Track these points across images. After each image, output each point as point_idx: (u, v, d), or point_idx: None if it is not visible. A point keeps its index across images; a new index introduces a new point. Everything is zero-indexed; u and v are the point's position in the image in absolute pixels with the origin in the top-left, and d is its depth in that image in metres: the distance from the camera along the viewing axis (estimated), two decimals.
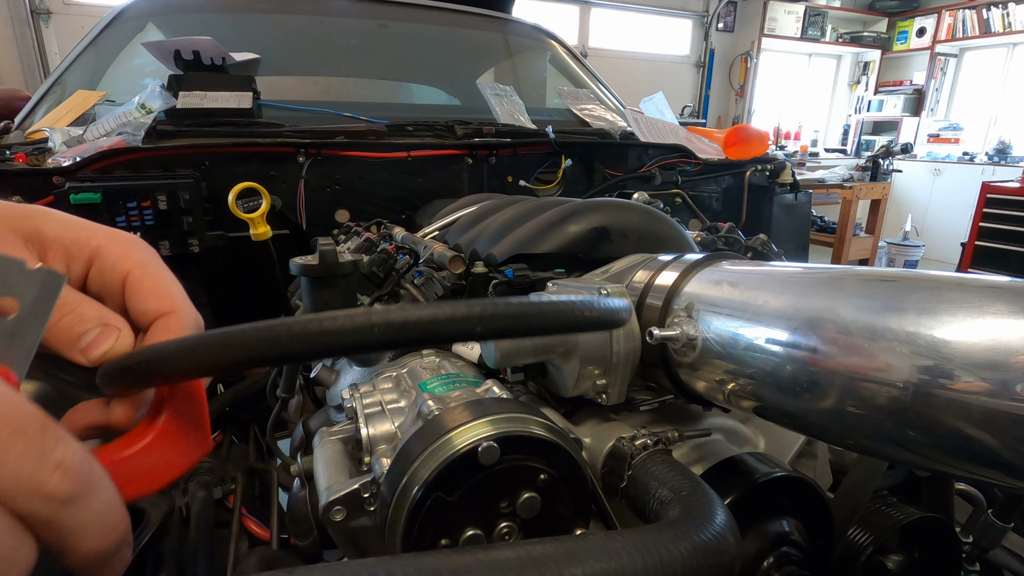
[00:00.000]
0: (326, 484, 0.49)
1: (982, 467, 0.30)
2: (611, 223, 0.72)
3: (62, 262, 0.31)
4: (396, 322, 0.27)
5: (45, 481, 0.21)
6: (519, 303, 0.30)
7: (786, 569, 0.47)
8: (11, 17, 3.93)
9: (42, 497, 0.21)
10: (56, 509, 0.22)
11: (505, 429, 0.42)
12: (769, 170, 1.64)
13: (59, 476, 0.22)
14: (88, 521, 0.23)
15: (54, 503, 0.22)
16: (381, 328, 0.27)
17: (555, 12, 5.82)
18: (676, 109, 6.38)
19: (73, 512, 0.22)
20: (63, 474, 0.22)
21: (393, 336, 0.27)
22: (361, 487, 0.46)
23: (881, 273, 0.37)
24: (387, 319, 0.27)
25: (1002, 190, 4.60)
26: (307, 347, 0.27)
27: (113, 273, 0.31)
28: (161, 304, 0.32)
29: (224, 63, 1.40)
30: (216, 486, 0.83)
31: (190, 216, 1.07)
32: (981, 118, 6.70)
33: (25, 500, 0.21)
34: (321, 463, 0.53)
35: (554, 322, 0.31)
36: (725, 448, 0.54)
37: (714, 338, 0.45)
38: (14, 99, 1.99)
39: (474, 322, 0.28)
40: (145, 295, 0.31)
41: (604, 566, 0.29)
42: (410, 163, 1.33)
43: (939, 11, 6.74)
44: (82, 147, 1.13)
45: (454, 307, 0.28)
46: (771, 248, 1.00)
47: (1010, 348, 0.28)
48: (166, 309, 0.32)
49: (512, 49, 2.13)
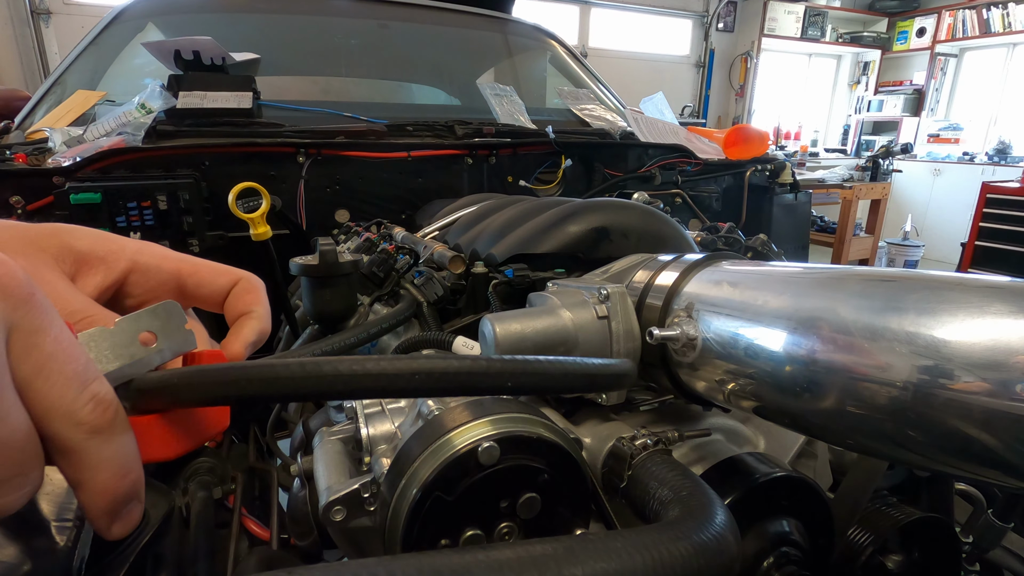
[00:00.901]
0: (326, 484, 0.49)
1: (982, 467, 0.30)
2: (611, 223, 0.72)
3: (100, 273, 0.33)
4: (436, 372, 0.29)
5: (80, 408, 0.24)
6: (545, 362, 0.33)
7: (786, 569, 0.47)
8: (11, 17, 3.93)
9: (74, 422, 0.24)
10: (83, 437, 0.24)
11: (505, 429, 0.42)
12: (769, 170, 1.64)
13: (92, 406, 0.24)
14: (107, 458, 0.25)
15: (83, 430, 0.24)
16: (421, 377, 0.29)
17: (555, 12, 5.82)
18: (676, 109, 6.38)
19: (96, 444, 0.24)
20: (95, 405, 0.24)
21: (431, 385, 0.29)
22: (361, 487, 0.46)
23: (881, 273, 0.37)
24: (430, 368, 0.29)
25: (1002, 190, 4.60)
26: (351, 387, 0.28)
27: (160, 274, 0.34)
28: (229, 276, 0.34)
29: (224, 63, 1.40)
30: (216, 486, 0.83)
31: (190, 216, 1.07)
32: (981, 118, 6.70)
33: (59, 421, 0.24)
34: (321, 463, 0.53)
35: (574, 383, 0.35)
36: (725, 448, 0.54)
37: (714, 338, 0.45)
38: (14, 99, 2.00)
39: (506, 378, 0.31)
40: (211, 277, 0.34)
41: (604, 566, 0.29)
42: (410, 163, 1.33)
43: (939, 11, 6.74)
44: (82, 147, 1.13)
45: (490, 362, 0.31)
46: (771, 248, 1.00)
47: (1010, 348, 0.28)
48: (235, 277, 0.35)
49: (512, 49, 2.13)
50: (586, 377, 0.35)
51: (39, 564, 0.22)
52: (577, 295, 0.56)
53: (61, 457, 0.24)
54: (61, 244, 0.32)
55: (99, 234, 0.33)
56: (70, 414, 0.24)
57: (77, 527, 0.39)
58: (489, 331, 0.51)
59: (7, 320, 0.22)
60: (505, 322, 0.52)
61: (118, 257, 0.33)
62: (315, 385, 0.28)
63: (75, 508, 0.39)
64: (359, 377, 0.28)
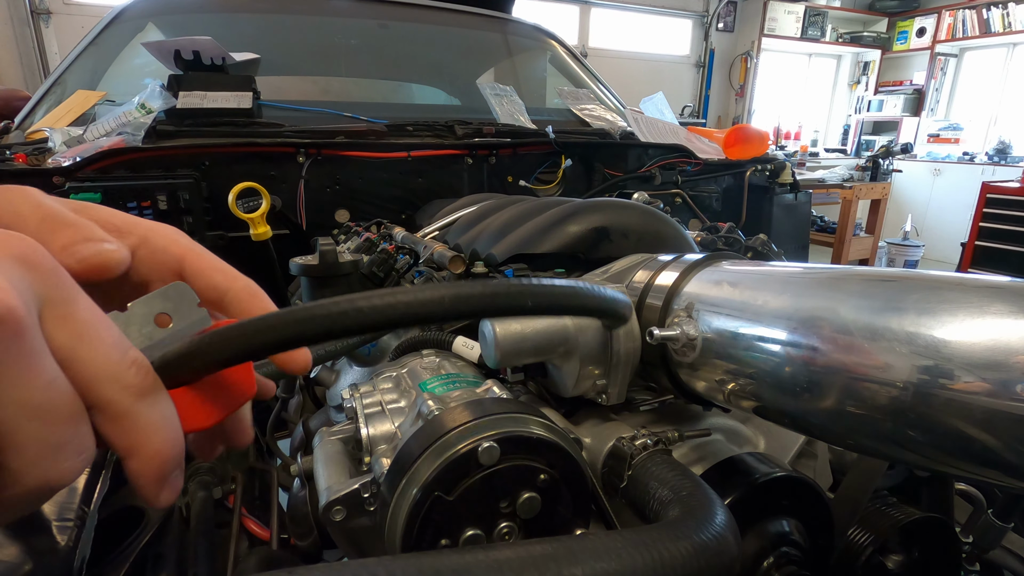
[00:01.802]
0: (326, 484, 0.49)
1: (982, 467, 0.30)
2: (611, 223, 0.72)
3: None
4: (462, 295, 0.31)
5: (125, 371, 0.24)
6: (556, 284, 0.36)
7: (786, 569, 0.47)
8: (11, 17, 3.93)
9: (122, 385, 0.24)
10: (132, 400, 0.24)
11: (505, 429, 0.42)
12: (769, 170, 1.64)
13: (135, 370, 0.25)
14: (156, 421, 0.25)
15: (131, 392, 0.24)
16: (450, 300, 0.31)
17: (555, 12, 5.82)
18: (676, 109, 6.38)
19: (145, 407, 0.25)
20: (138, 369, 0.25)
21: (460, 308, 0.31)
22: (361, 487, 0.46)
23: (881, 273, 0.37)
24: (455, 292, 0.31)
25: (1002, 190, 4.60)
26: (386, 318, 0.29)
27: (165, 255, 0.33)
28: (227, 276, 0.34)
29: (224, 63, 1.40)
30: (216, 486, 0.83)
31: (190, 216, 1.07)
32: (981, 118, 6.70)
33: (108, 385, 0.24)
34: (321, 463, 0.53)
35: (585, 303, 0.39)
36: (725, 448, 0.54)
37: (714, 338, 0.45)
38: (14, 99, 2.00)
39: (526, 296, 0.34)
40: (211, 272, 0.34)
41: (604, 566, 0.29)
42: (410, 163, 1.33)
43: (939, 11, 6.74)
44: (82, 147, 1.13)
45: (510, 285, 0.34)
46: (771, 248, 1.00)
47: (1010, 348, 0.28)
48: (232, 279, 0.34)
49: (512, 49, 2.12)
50: (593, 300, 0.40)
51: (41, 563, 0.22)
52: None
53: (111, 424, 0.24)
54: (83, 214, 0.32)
55: (110, 211, 0.33)
56: (117, 377, 0.24)
57: (78, 527, 0.39)
58: (489, 331, 0.51)
59: (38, 293, 0.22)
60: (505, 322, 0.52)
61: (131, 230, 0.33)
62: (351, 320, 0.28)
63: (76, 508, 0.39)
64: (393, 307, 0.29)
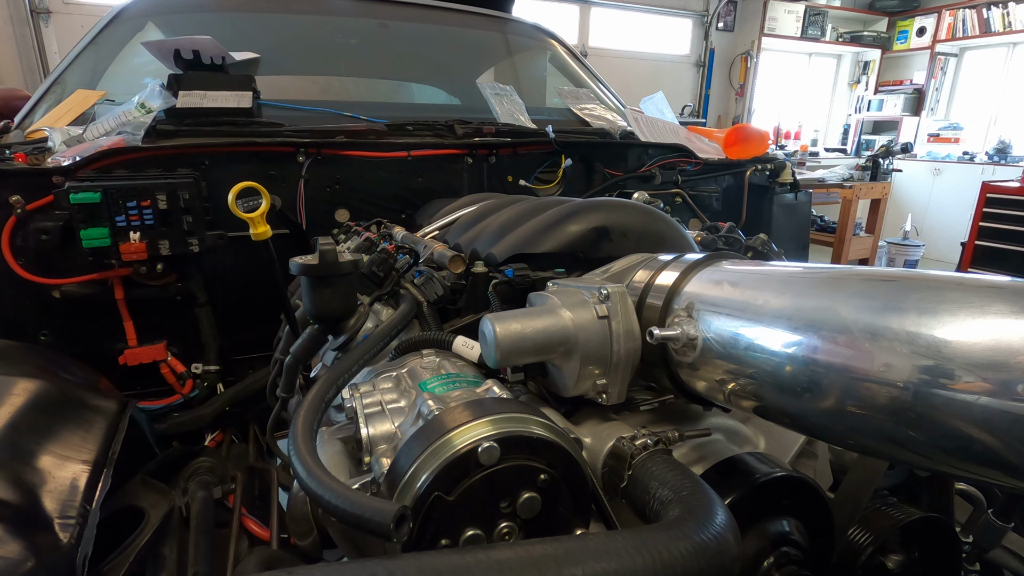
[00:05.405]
0: None
1: (982, 467, 0.30)
2: (611, 223, 0.72)
3: None
4: None
5: None
6: None
7: (786, 569, 0.47)
8: (11, 17, 3.93)
9: None
10: None
11: (505, 429, 0.42)
12: (769, 170, 1.64)
13: None
14: None
15: None
16: None
17: (555, 12, 5.81)
18: (676, 109, 6.37)
19: None
20: None
21: None
22: (361, 487, 0.46)
23: (881, 273, 0.37)
24: None
25: (1002, 190, 4.60)
26: None
27: None
28: None
29: (224, 63, 1.39)
30: (216, 486, 0.83)
31: (190, 216, 1.07)
32: (981, 118, 6.70)
33: None
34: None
35: None
36: (725, 448, 0.54)
37: (714, 338, 0.45)
38: (14, 99, 1.99)
39: None
40: None
41: (604, 566, 0.29)
42: (410, 163, 1.33)
43: (939, 11, 6.73)
44: (82, 146, 1.13)
45: None
46: (771, 248, 1.00)
47: (1011, 348, 0.28)
48: None
49: (512, 49, 2.12)
50: None
51: (42, 561, 0.22)
52: (577, 295, 0.56)
53: None
54: None
55: None
56: None
57: (80, 525, 0.39)
58: (489, 331, 0.51)
59: None
60: (505, 322, 0.51)
61: None
62: None
63: (78, 506, 0.39)
64: None
